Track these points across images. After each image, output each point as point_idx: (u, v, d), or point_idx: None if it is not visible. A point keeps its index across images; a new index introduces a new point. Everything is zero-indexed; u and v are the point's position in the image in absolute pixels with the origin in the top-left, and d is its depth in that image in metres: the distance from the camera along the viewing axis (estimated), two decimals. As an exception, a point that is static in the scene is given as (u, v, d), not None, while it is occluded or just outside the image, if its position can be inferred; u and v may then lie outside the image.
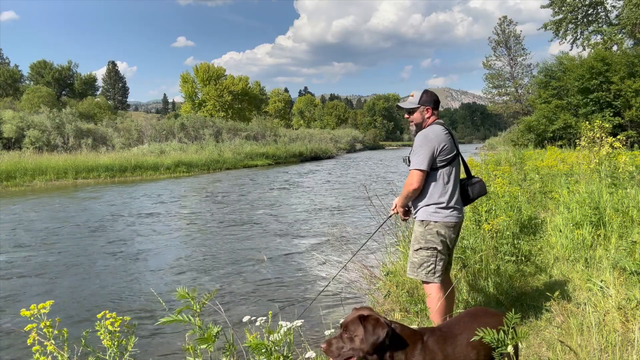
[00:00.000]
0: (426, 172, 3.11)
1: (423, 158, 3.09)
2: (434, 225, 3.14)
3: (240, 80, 70.20)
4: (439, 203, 3.14)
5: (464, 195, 3.31)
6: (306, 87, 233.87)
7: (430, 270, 3.16)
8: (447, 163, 3.15)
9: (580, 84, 22.64)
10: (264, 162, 34.36)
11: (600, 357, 2.77)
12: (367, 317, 2.04)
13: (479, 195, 3.34)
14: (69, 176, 21.39)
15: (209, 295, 2.26)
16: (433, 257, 3.15)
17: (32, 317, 1.94)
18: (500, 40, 42.75)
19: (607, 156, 8.34)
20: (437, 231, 3.14)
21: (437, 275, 3.16)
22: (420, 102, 3.26)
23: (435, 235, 3.14)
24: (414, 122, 3.29)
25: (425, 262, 3.17)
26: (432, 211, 3.15)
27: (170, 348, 4.39)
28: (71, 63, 71.16)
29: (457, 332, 2.23)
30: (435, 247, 3.15)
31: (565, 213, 6.15)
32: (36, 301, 2.03)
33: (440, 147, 3.11)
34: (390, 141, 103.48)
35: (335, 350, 2.04)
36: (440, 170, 3.15)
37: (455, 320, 2.36)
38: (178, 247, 8.62)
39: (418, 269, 3.20)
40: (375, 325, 2.02)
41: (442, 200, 3.14)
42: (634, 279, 3.82)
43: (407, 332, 2.16)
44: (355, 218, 10.97)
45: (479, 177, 3.40)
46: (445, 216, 3.14)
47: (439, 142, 3.11)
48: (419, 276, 3.21)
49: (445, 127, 3.25)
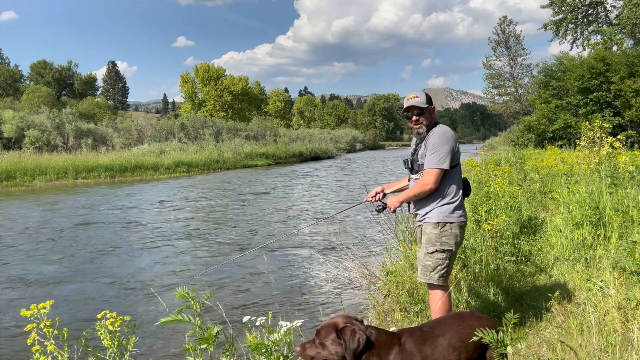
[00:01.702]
0: (448, 170, 3.07)
1: (445, 156, 3.01)
2: (449, 226, 3.08)
3: (240, 80, 70.21)
4: (453, 202, 3.10)
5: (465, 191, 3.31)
6: (306, 87, 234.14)
7: (443, 274, 3.08)
8: (457, 163, 3.17)
9: (580, 84, 22.63)
10: (264, 162, 34.36)
11: (600, 357, 2.77)
12: (343, 328, 2.08)
13: (470, 191, 3.39)
14: (69, 176, 21.39)
15: (209, 295, 2.26)
16: (447, 259, 3.08)
17: (32, 317, 1.94)
18: (500, 40, 42.75)
19: (607, 156, 8.34)
20: (453, 232, 3.08)
21: (446, 278, 3.13)
22: (427, 102, 3.23)
23: (452, 237, 3.08)
24: (424, 123, 3.16)
25: (439, 265, 3.08)
26: (448, 212, 3.08)
27: (170, 348, 4.39)
28: (71, 63, 71.26)
29: (438, 333, 2.20)
30: (450, 249, 3.08)
31: (565, 213, 6.14)
32: (36, 301, 2.03)
33: (457, 146, 3.13)
34: (390, 141, 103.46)
35: (308, 354, 2.10)
36: (454, 170, 3.13)
37: (439, 321, 2.34)
38: (178, 246, 8.62)
39: (431, 272, 3.09)
40: (352, 335, 2.05)
41: (455, 200, 3.11)
42: (634, 279, 3.82)
43: (383, 335, 2.15)
44: (356, 218, 10.97)
45: None
46: (459, 216, 3.12)
47: (455, 141, 3.13)
48: (431, 279, 3.10)
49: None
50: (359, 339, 2.03)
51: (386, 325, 3.98)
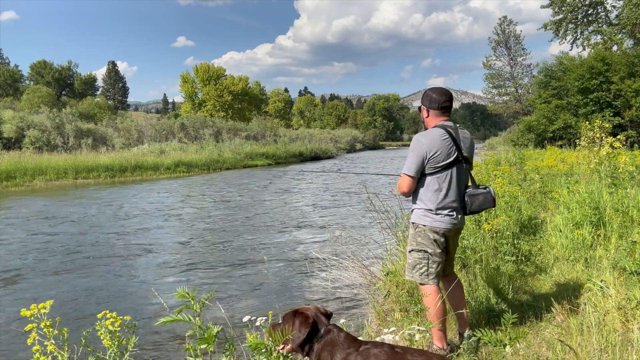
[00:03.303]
0: (414, 177, 3.04)
1: (411, 164, 3.02)
2: (422, 228, 3.08)
3: (240, 80, 70.19)
4: (428, 209, 3.06)
5: (464, 205, 3.13)
6: (306, 87, 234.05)
7: (423, 272, 3.10)
8: (438, 170, 3.01)
9: (580, 84, 22.62)
10: (264, 162, 34.36)
11: (600, 357, 2.77)
12: (294, 316, 2.22)
13: (480, 207, 3.10)
14: (69, 176, 21.39)
15: (209, 295, 2.26)
16: (425, 259, 3.09)
17: (32, 317, 1.94)
18: (500, 40, 42.73)
19: (607, 156, 8.33)
20: (428, 235, 3.07)
21: (432, 277, 3.10)
22: (421, 102, 3.20)
23: (426, 239, 3.07)
24: (421, 120, 3.23)
25: (417, 264, 3.12)
26: (421, 214, 3.09)
27: (170, 348, 4.39)
28: (71, 63, 71.25)
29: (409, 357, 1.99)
30: (425, 250, 3.08)
31: (565, 213, 6.14)
32: (36, 301, 2.03)
33: (431, 154, 2.97)
34: (390, 141, 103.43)
35: (276, 335, 2.23)
36: (430, 177, 3.03)
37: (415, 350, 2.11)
38: (178, 246, 8.62)
39: (412, 270, 3.15)
40: (300, 325, 2.16)
41: (431, 206, 3.04)
42: (634, 279, 3.82)
43: (342, 337, 2.13)
44: (356, 218, 10.97)
45: (486, 188, 3.12)
46: (434, 221, 3.05)
47: (429, 148, 2.97)
48: (413, 277, 3.16)
49: (446, 131, 3.03)
50: (302, 330, 2.14)
51: (386, 325, 3.98)
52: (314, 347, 2.15)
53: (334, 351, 2.10)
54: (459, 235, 3.36)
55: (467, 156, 3.13)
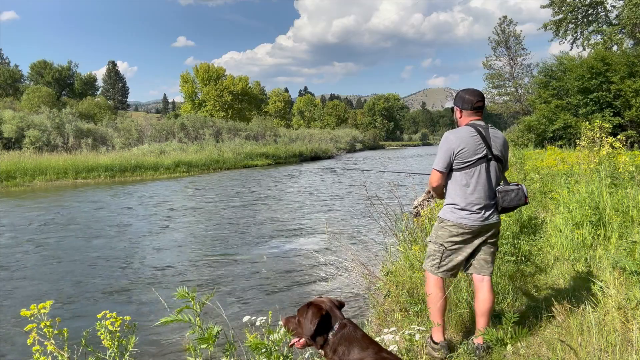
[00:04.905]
0: (442, 172, 3.13)
1: (439, 159, 3.13)
2: (446, 223, 3.16)
3: (240, 80, 70.21)
4: (455, 204, 3.14)
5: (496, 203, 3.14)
6: (306, 87, 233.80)
7: (435, 264, 3.22)
8: (466, 166, 3.07)
9: (580, 84, 22.61)
10: (264, 162, 34.36)
11: (600, 357, 2.77)
12: (308, 308, 2.20)
13: (512, 204, 3.10)
14: (69, 176, 21.40)
15: (209, 295, 2.26)
16: (439, 252, 3.20)
17: (32, 317, 1.94)
18: (500, 40, 42.69)
19: (607, 156, 8.33)
20: (449, 230, 3.14)
21: (442, 270, 3.20)
22: (454, 102, 3.30)
23: (446, 233, 3.16)
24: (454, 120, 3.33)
25: (432, 255, 3.24)
26: (448, 210, 3.18)
27: (170, 348, 4.39)
28: (71, 63, 71.31)
29: None
30: (442, 244, 3.18)
31: (565, 213, 6.14)
32: (36, 301, 2.03)
33: (458, 150, 3.05)
34: (390, 141, 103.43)
35: (289, 327, 2.27)
36: (459, 173, 3.10)
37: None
38: (178, 246, 8.62)
39: (427, 259, 3.30)
40: (312, 316, 2.15)
41: (458, 201, 3.11)
42: (634, 279, 3.82)
43: (359, 334, 2.13)
44: (356, 218, 10.97)
45: (517, 184, 3.15)
46: (460, 217, 3.09)
47: (457, 144, 3.05)
48: (425, 266, 3.30)
49: (475, 129, 3.09)
50: (313, 321, 2.13)
51: (386, 325, 3.98)
52: (329, 340, 2.13)
53: (351, 347, 2.08)
54: (496, 236, 3.26)
55: (499, 155, 3.13)
